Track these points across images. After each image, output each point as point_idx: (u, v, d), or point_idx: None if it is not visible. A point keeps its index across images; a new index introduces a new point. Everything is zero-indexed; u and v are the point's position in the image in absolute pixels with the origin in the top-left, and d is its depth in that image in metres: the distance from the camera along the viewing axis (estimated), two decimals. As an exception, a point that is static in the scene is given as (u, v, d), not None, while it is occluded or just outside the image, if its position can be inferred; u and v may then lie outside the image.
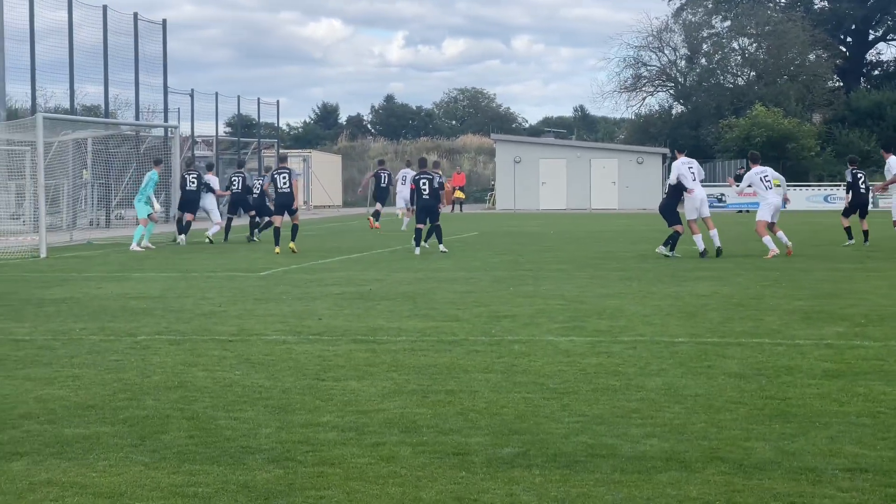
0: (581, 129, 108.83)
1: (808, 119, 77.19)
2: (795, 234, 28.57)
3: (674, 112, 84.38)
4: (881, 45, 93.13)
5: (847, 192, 29.25)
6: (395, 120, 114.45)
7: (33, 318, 14.87)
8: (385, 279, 20.02)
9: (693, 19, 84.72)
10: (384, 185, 39.82)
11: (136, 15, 46.26)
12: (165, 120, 47.71)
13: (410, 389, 9.61)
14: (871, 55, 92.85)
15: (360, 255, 26.20)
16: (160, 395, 9.45)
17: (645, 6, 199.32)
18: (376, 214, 39.14)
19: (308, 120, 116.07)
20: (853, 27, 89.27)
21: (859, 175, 28.72)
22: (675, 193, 24.76)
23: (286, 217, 26.41)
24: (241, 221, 34.37)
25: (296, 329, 13.39)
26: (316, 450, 7.56)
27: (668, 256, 24.21)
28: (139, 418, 8.58)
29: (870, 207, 30.03)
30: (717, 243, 24.52)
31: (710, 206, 25.74)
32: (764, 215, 24.60)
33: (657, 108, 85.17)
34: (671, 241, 24.44)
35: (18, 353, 11.80)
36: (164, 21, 49.04)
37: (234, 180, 32.60)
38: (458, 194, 63.33)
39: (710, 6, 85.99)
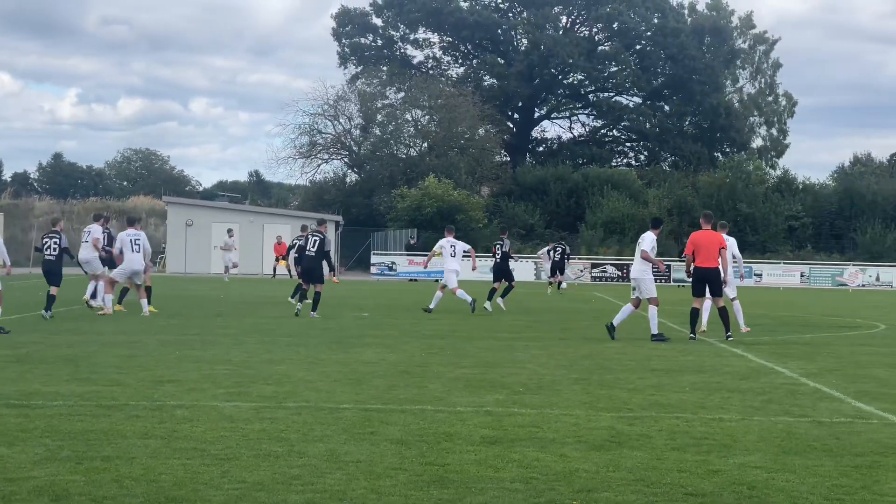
0: (255, 193, 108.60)
1: (477, 191, 79.53)
2: (458, 304, 29.26)
3: (348, 180, 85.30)
4: (546, 123, 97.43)
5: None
6: (63, 178, 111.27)
7: None
8: (44, 342, 19.31)
9: (368, 90, 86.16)
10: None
11: None
12: None
13: (64, 456, 9.27)
14: (536, 132, 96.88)
15: (19, 317, 25.16)
16: None
17: (323, 74, 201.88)
18: None
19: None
20: (520, 104, 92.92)
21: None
22: None
23: None
24: None
25: (-56, 393, 12.72)
26: (-42, 521, 7.19)
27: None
28: None
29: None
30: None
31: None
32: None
33: (332, 175, 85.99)
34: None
35: None
36: None
37: None
38: None
39: (384, 77, 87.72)
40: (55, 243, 25.34)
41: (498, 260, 31.86)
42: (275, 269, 58.28)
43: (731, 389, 14.39)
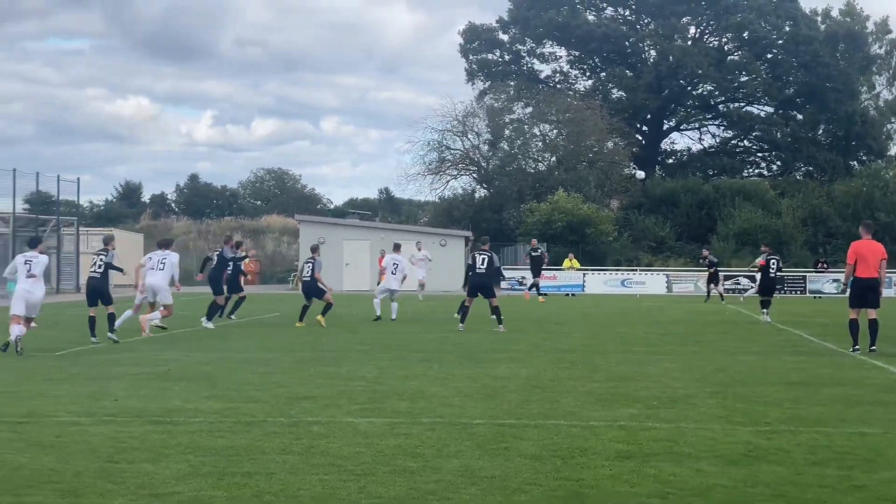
0: (386, 210, 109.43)
1: (607, 205, 79.12)
2: (592, 317, 29.20)
3: (477, 195, 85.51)
4: (675, 135, 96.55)
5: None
6: (199, 199, 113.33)
7: None
8: (183, 359, 19.70)
9: (495, 105, 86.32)
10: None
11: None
12: (-41, 195, 46.32)
13: (206, 472, 9.46)
14: (665, 144, 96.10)
15: (160, 335, 25.72)
16: (-57, 480, 9.11)
17: (450, 90, 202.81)
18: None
19: (110, 198, 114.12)
20: (649, 116, 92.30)
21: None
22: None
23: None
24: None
25: (89, 410, 13.06)
26: (105, 535, 7.38)
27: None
28: (-81, 504, 8.24)
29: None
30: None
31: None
32: None
33: (460, 191, 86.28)
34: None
35: None
36: (-40, 93, 47.83)
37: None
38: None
39: (511, 93, 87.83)
40: (101, 260, 24.25)
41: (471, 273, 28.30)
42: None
43: (872, 402, 14.11)
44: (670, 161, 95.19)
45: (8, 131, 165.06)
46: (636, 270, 63.15)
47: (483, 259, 27.71)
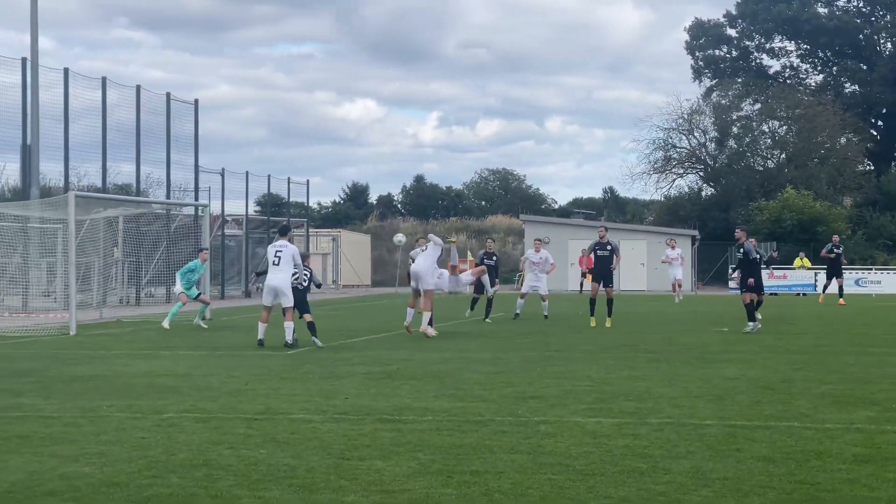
0: (611, 210, 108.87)
1: (839, 202, 77.01)
2: (826, 317, 28.48)
3: (703, 194, 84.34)
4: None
5: None
6: (424, 200, 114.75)
7: (61, 395, 14.89)
8: (412, 359, 19.97)
9: (723, 102, 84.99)
10: None
11: (168, 95, 46.80)
12: (196, 199, 48.00)
13: (435, 469, 9.55)
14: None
15: (386, 335, 26.16)
16: (185, 473, 9.43)
17: (676, 88, 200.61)
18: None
19: (338, 199, 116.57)
20: (884, 111, 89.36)
21: None
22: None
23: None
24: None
25: (321, 408, 13.35)
26: (339, 530, 7.51)
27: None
28: (164, 496, 8.55)
29: None
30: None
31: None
32: None
33: (687, 189, 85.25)
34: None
35: (45, 429, 11.80)
36: (196, 101, 49.57)
37: None
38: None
39: (739, 89, 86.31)
40: (305, 274, 23.65)
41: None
42: (581, 284, 57.22)
43: None
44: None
45: (241, 135, 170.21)
46: (871, 269, 61.26)
47: (611, 249, 29.19)
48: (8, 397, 14.61)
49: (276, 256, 22.78)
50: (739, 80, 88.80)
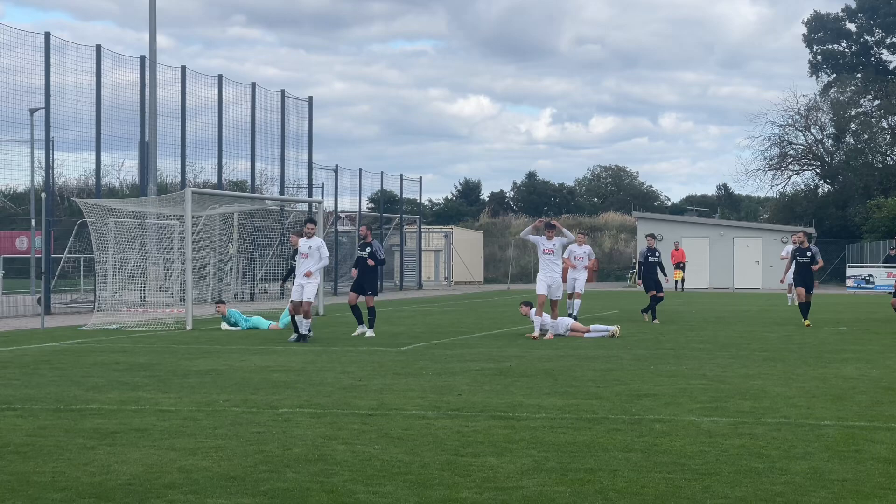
0: (725, 207, 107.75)
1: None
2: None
3: (820, 191, 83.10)
4: None
5: None
6: (536, 197, 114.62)
7: (178, 389, 15.13)
8: (525, 356, 19.95)
9: (841, 98, 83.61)
10: None
11: (283, 92, 47.31)
12: (310, 195, 48.49)
13: (549, 467, 9.52)
14: None
15: (500, 332, 26.17)
16: (300, 468, 9.51)
17: (792, 84, 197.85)
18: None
19: (450, 196, 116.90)
20: None
21: None
22: None
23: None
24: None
25: (435, 404, 13.39)
26: (453, 526, 7.52)
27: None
28: (280, 490, 8.63)
29: None
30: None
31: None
32: None
33: (802, 186, 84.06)
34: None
35: (164, 423, 11.99)
36: (311, 98, 50.05)
37: None
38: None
39: (858, 85, 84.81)
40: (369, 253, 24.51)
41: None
42: (676, 281, 56.11)
43: None
44: None
45: (355, 132, 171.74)
46: None
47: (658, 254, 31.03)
48: (126, 391, 14.88)
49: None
50: (859, 75, 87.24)
